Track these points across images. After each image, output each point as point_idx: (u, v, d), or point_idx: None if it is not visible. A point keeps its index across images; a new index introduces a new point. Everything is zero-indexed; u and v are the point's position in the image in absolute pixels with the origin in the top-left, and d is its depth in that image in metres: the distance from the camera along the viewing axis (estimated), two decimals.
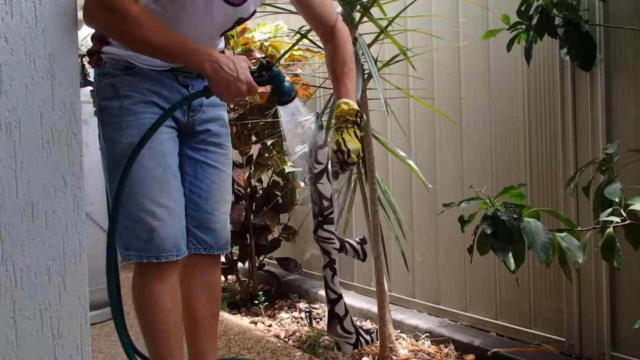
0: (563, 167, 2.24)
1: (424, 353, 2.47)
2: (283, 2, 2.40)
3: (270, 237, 3.34)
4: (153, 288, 1.62)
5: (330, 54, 1.73)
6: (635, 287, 2.05)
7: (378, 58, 2.42)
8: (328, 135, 1.70)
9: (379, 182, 2.42)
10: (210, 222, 1.76)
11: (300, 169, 2.51)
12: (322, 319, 2.96)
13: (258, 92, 1.58)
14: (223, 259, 3.06)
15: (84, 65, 2.77)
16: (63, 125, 1.37)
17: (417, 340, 2.61)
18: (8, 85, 1.29)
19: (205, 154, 1.76)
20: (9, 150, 1.29)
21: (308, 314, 2.97)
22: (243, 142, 3.18)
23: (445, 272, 2.73)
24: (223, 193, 1.80)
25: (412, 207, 2.86)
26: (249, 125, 3.17)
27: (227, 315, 3.07)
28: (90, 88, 2.69)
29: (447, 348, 2.49)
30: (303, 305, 3.24)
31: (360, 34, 2.33)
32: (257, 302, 3.23)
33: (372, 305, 2.77)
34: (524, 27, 2.00)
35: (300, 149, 1.69)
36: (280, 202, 3.27)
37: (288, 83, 1.56)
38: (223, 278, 3.57)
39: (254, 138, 3.25)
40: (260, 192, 3.38)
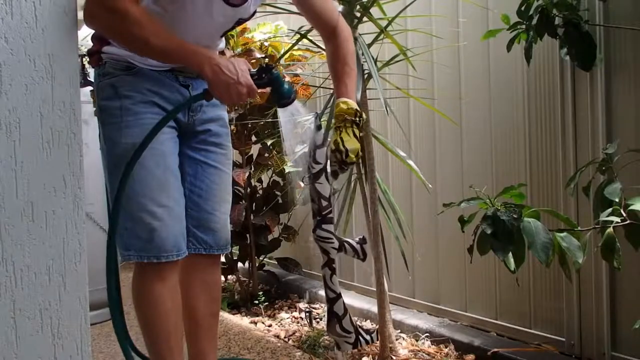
0: (563, 167, 2.24)
1: (424, 353, 2.47)
2: (283, 2, 2.40)
3: (270, 237, 3.34)
4: (153, 288, 1.62)
5: (332, 53, 1.72)
6: (635, 287, 2.05)
7: (378, 58, 2.42)
8: (327, 135, 1.70)
9: (379, 182, 2.42)
10: (211, 222, 1.76)
11: (300, 169, 2.51)
12: (322, 319, 2.96)
13: (258, 92, 1.58)
14: (223, 259, 3.06)
15: (84, 65, 2.77)
16: (63, 125, 1.37)
17: (417, 340, 2.61)
18: (8, 85, 1.29)
19: (206, 154, 1.76)
20: (9, 150, 1.29)
21: (308, 314, 2.97)
22: (243, 142, 3.18)
23: (445, 272, 2.73)
24: (223, 193, 1.80)
25: (412, 207, 2.86)
26: (249, 125, 3.17)
27: (227, 315, 3.07)
28: (90, 88, 2.69)
29: (447, 348, 2.49)
30: (303, 305, 3.24)
31: (360, 34, 2.33)
32: (257, 302, 3.23)
33: (372, 305, 2.77)
34: (524, 27, 2.00)
35: (300, 149, 1.69)
36: (280, 202, 3.27)
37: (288, 85, 1.56)
38: (223, 278, 3.57)
39: (254, 138, 3.25)
40: (260, 192, 3.38)
